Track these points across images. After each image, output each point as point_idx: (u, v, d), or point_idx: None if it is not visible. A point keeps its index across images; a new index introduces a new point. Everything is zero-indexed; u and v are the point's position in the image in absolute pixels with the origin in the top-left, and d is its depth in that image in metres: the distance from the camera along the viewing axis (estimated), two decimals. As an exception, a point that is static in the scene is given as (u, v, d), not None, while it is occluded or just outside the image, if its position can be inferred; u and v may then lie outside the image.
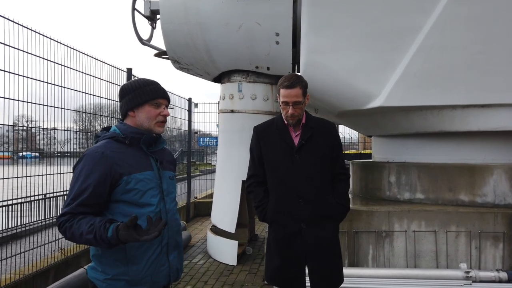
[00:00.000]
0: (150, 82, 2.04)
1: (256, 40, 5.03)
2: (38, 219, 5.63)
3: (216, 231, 5.83)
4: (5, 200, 4.89)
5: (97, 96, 5.02)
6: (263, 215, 2.65)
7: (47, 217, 5.85)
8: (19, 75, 3.78)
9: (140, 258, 1.88)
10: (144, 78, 2.09)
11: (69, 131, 5.57)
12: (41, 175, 4.22)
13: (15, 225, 5.61)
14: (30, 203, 5.81)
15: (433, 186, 4.57)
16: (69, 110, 4.50)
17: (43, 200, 5.87)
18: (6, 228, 5.53)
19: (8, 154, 5.70)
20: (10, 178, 3.86)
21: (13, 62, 3.69)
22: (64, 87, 4.38)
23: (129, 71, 5.73)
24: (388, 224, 4.24)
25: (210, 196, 9.46)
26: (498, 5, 3.87)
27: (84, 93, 4.76)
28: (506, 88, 3.98)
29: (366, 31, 4.16)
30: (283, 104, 2.52)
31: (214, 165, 9.40)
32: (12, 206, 5.69)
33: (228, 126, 5.77)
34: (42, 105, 4.12)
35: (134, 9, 5.51)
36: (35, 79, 3.96)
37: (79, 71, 4.63)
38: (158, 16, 5.52)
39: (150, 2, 5.57)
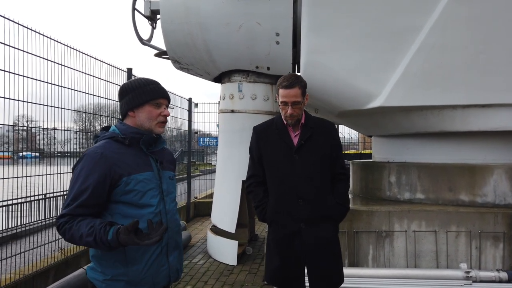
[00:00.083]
0: (150, 82, 2.02)
1: (257, 40, 5.03)
2: (38, 219, 5.63)
3: (216, 231, 5.83)
4: (5, 200, 4.89)
5: (97, 96, 5.02)
6: (263, 215, 2.65)
7: (47, 217, 5.85)
8: (19, 75, 3.77)
9: (139, 259, 1.87)
10: (144, 77, 2.07)
11: (69, 131, 5.56)
12: (41, 175, 4.22)
13: (15, 225, 5.61)
14: (30, 203, 5.82)
15: (433, 186, 4.57)
16: (69, 110, 4.50)
17: (43, 200, 5.87)
18: (6, 228, 5.53)
19: (8, 154, 5.70)
20: (10, 178, 3.86)
21: (13, 62, 3.70)
22: (64, 87, 4.38)
23: (129, 71, 5.73)
24: (388, 224, 4.24)
25: (210, 196, 9.45)
26: (498, 5, 3.87)
27: (84, 93, 4.77)
28: (506, 88, 3.98)
29: (366, 31, 4.15)
30: (282, 104, 2.52)
31: (214, 165, 9.40)
32: (12, 206, 5.69)
33: (228, 126, 5.77)
34: (42, 105, 4.13)
35: (134, 9, 5.50)
36: (35, 79, 3.96)
37: (79, 71, 4.64)
38: (158, 16, 5.52)
39: (150, 2, 5.57)
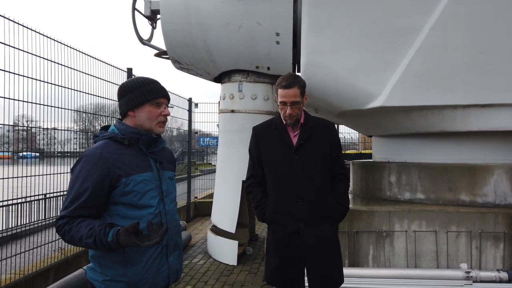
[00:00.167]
0: (150, 81, 2.01)
1: (257, 40, 5.02)
2: (38, 219, 5.63)
3: (216, 231, 5.83)
4: (5, 200, 4.89)
5: (97, 96, 5.02)
6: (262, 215, 2.65)
7: (47, 217, 5.85)
8: (19, 75, 3.78)
9: (139, 260, 1.86)
10: (144, 76, 2.05)
11: (69, 131, 5.57)
12: (41, 175, 4.22)
13: (15, 225, 5.61)
14: (30, 203, 5.82)
15: (433, 186, 4.57)
16: (69, 110, 4.50)
17: (43, 200, 5.87)
18: (6, 228, 5.53)
19: (9, 154, 5.70)
20: (10, 178, 3.87)
21: (13, 62, 3.70)
22: (64, 87, 4.38)
23: (129, 71, 5.73)
24: (388, 224, 4.23)
25: (210, 196, 9.46)
26: (499, 5, 3.86)
27: (84, 93, 4.77)
28: (506, 88, 3.97)
29: (366, 31, 4.15)
30: (281, 104, 2.52)
31: (214, 165, 9.40)
32: (12, 206, 5.69)
33: (228, 126, 5.77)
34: (42, 105, 4.13)
35: (134, 9, 5.50)
36: (35, 79, 3.96)
37: (79, 71, 4.64)
38: (159, 16, 5.52)
39: (150, 2, 5.57)
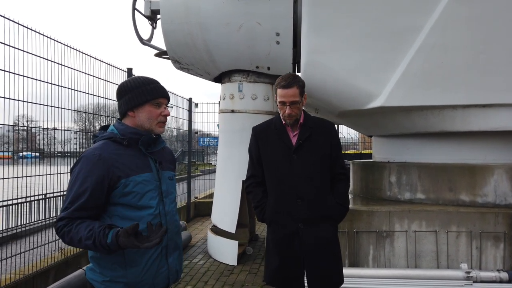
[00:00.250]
0: (150, 81, 1.99)
1: (257, 40, 5.02)
2: (38, 219, 5.63)
3: (217, 231, 5.82)
4: (5, 200, 4.89)
5: (97, 96, 5.02)
6: (262, 215, 2.64)
7: (47, 217, 5.85)
8: (19, 75, 3.77)
9: (138, 261, 1.85)
10: (143, 76, 2.03)
11: (69, 131, 5.56)
12: (41, 175, 4.22)
13: (15, 225, 5.61)
14: (30, 203, 5.82)
15: (433, 186, 4.56)
16: (69, 110, 4.50)
17: (43, 200, 5.87)
18: (6, 228, 5.53)
19: (9, 154, 5.70)
20: (10, 178, 3.86)
21: (13, 62, 3.70)
22: (64, 87, 4.38)
23: (129, 71, 5.73)
24: (388, 224, 4.23)
25: (211, 196, 9.46)
26: (499, 5, 3.86)
27: (85, 93, 4.77)
28: (506, 88, 3.97)
29: (366, 31, 4.15)
30: (280, 104, 2.52)
31: (215, 165, 9.40)
32: (12, 206, 5.69)
33: (228, 126, 5.77)
34: (43, 105, 4.13)
35: (134, 9, 5.50)
36: (35, 79, 3.96)
37: (79, 71, 4.64)
38: (159, 16, 5.52)
39: (150, 2, 5.57)
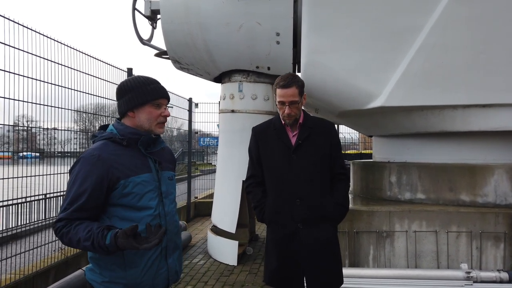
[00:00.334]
0: (151, 81, 1.98)
1: (257, 40, 5.02)
2: (38, 219, 5.63)
3: (217, 231, 5.82)
4: (5, 200, 4.89)
5: (97, 96, 5.02)
6: (261, 215, 2.64)
7: (47, 217, 5.85)
8: (19, 75, 3.77)
9: (138, 262, 1.85)
10: (143, 76, 2.02)
11: (69, 131, 5.56)
12: (41, 175, 4.22)
13: (15, 225, 5.61)
14: (30, 203, 5.82)
15: (434, 186, 4.56)
16: (69, 110, 4.49)
17: (43, 200, 5.87)
18: (6, 228, 5.53)
19: (9, 154, 5.69)
20: (10, 178, 3.86)
21: (13, 62, 3.69)
22: (64, 87, 4.38)
23: (129, 71, 5.73)
24: (389, 224, 4.23)
25: (211, 196, 9.45)
26: (499, 5, 3.86)
27: (85, 93, 4.76)
28: (507, 88, 3.97)
29: (366, 31, 4.15)
30: (279, 104, 2.52)
31: (215, 165, 9.39)
32: (12, 206, 5.70)
33: (228, 126, 5.77)
34: (43, 105, 4.12)
35: (134, 9, 5.50)
36: (35, 79, 3.96)
37: (79, 71, 4.63)
38: (159, 16, 5.51)
39: (150, 2, 5.57)
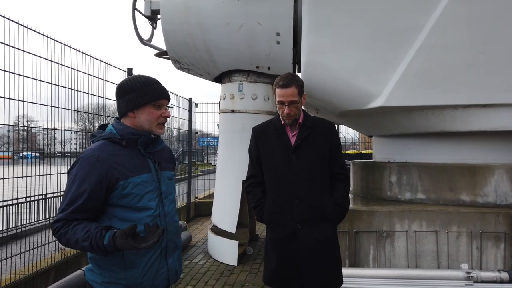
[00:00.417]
0: (152, 81, 1.96)
1: (257, 40, 5.02)
2: (38, 219, 5.62)
3: (217, 231, 5.82)
4: (5, 200, 4.88)
5: (97, 96, 5.02)
6: (261, 215, 2.64)
7: (47, 217, 5.85)
8: (19, 75, 3.77)
9: (138, 263, 1.84)
10: (144, 75, 1.99)
11: (69, 131, 5.56)
12: (41, 175, 4.21)
13: (15, 225, 5.61)
14: (30, 203, 5.81)
15: (434, 186, 4.56)
16: (69, 110, 4.49)
17: (43, 200, 5.87)
18: (6, 228, 5.53)
19: (9, 154, 5.69)
20: (11, 178, 3.86)
21: (13, 62, 3.69)
22: (64, 87, 4.38)
23: (129, 71, 5.72)
24: (389, 224, 4.23)
25: (211, 196, 9.46)
26: (499, 5, 3.86)
27: (85, 93, 4.76)
28: (507, 88, 3.97)
29: (366, 31, 4.15)
30: (279, 103, 2.51)
31: (215, 165, 9.39)
32: (12, 206, 5.69)
33: (228, 126, 5.77)
34: (43, 105, 4.12)
35: (134, 9, 5.50)
36: (35, 79, 3.96)
37: (79, 71, 4.63)
38: (159, 16, 5.51)
39: (150, 2, 5.57)
